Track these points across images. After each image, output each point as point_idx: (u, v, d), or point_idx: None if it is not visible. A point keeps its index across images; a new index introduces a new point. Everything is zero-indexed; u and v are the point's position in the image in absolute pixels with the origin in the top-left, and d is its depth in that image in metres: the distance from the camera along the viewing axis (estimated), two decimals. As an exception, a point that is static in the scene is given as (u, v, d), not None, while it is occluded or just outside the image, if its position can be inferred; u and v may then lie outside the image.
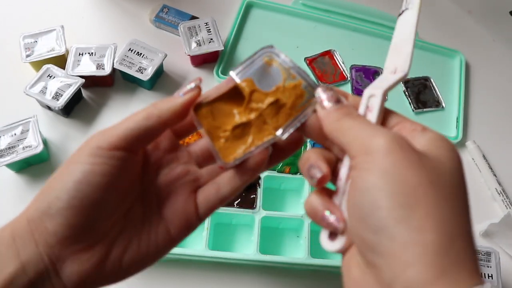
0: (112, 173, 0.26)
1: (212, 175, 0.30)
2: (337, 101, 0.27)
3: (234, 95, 0.29)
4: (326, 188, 0.27)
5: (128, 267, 0.27)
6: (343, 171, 0.26)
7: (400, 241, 0.21)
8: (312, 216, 0.27)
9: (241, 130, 0.29)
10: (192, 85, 0.28)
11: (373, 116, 0.26)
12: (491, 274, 0.48)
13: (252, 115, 0.29)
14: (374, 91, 0.27)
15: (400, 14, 0.29)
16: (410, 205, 0.21)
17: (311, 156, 0.27)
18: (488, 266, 0.48)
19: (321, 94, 0.27)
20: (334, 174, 0.27)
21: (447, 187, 0.22)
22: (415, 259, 0.20)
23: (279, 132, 0.28)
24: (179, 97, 0.28)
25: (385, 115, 0.27)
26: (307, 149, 0.27)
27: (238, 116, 0.29)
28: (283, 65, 0.29)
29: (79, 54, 0.60)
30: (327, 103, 0.27)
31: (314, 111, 0.27)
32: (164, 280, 0.49)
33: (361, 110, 0.27)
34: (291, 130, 0.28)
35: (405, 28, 0.28)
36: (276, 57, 0.29)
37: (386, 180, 0.22)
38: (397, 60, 0.28)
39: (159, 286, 0.49)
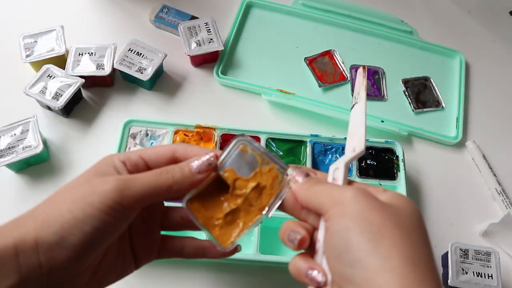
0: (123, 226, 0.30)
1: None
2: (307, 175, 0.32)
3: (218, 184, 0.33)
4: (306, 252, 0.31)
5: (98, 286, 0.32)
6: (320, 233, 0.30)
7: (372, 270, 0.25)
8: (297, 275, 0.30)
9: (232, 216, 0.33)
10: (210, 159, 0.32)
11: (339, 184, 0.31)
12: (491, 274, 0.48)
13: (239, 201, 0.33)
14: (338, 164, 0.32)
15: (352, 107, 0.36)
16: (377, 239, 0.25)
17: (290, 224, 0.31)
18: (488, 266, 0.48)
19: (293, 172, 0.32)
20: (311, 242, 0.30)
21: (407, 226, 0.27)
22: (386, 282, 0.24)
23: (265, 212, 0.33)
24: (196, 174, 0.31)
25: (350, 183, 0.32)
26: (285, 221, 0.32)
27: (226, 203, 0.33)
28: (256, 151, 0.33)
29: (79, 54, 0.60)
30: (298, 178, 0.32)
31: (289, 188, 0.32)
32: (164, 280, 0.49)
33: (329, 180, 0.32)
34: (274, 208, 0.32)
35: (357, 117, 0.34)
36: (249, 144, 0.33)
37: (355, 222, 0.26)
38: (355, 142, 0.33)
39: (159, 286, 0.49)
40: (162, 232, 0.36)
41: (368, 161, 0.55)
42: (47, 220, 0.28)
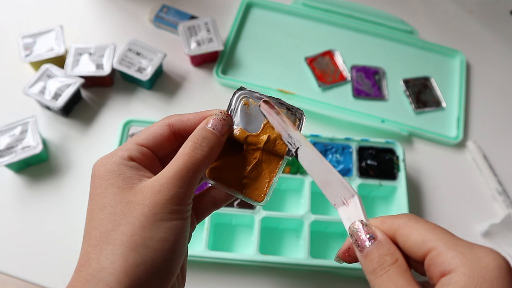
0: (190, 218, 0.28)
1: None
2: (372, 238, 0.26)
3: (229, 147, 0.32)
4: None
5: None
6: None
7: None
8: None
9: (256, 171, 0.32)
10: (224, 117, 0.31)
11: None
12: (492, 275, 0.48)
13: (256, 155, 0.32)
14: (359, 219, 0.27)
15: (295, 154, 0.31)
16: None
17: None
18: (488, 267, 0.48)
19: (357, 233, 0.26)
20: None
21: None
22: None
23: (287, 155, 0.31)
24: (221, 136, 0.30)
25: (418, 231, 0.25)
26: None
27: (245, 162, 0.32)
28: (259, 102, 0.32)
29: (78, 54, 0.60)
30: (364, 242, 0.26)
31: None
32: (164, 281, 0.49)
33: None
34: (295, 148, 0.31)
35: (315, 164, 0.29)
36: (250, 97, 0.32)
37: None
38: (338, 192, 0.28)
39: (159, 287, 0.49)
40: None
41: (368, 161, 0.55)
42: (132, 262, 0.25)
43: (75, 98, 0.59)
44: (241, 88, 0.32)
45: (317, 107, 0.61)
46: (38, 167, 0.55)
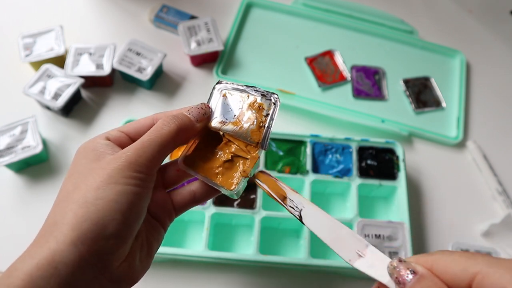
0: (150, 192, 0.30)
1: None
2: (414, 272, 0.25)
3: (209, 138, 0.33)
4: None
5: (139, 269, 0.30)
6: None
7: None
8: None
9: (230, 161, 0.32)
10: (203, 107, 0.33)
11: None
12: (492, 275, 0.48)
13: (233, 146, 0.33)
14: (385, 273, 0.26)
15: (300, 218, 0.30)
16: None
17: None
18: (489, 267, 0.48)
19: (399, 271, 0.25)
20: None
21: None
22: None
23: (262, 148, 0.32)
24: (195, 121, 0.32)
25: (456, 260, 0.25)
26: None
27: (221, 152, 0.33)
28: (236, 92, 0.33)
29: (78, 54, 0.60)
30: (403, 278, 0.25)
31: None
32: (164, 281, 0.49)
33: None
34: (267, 138, 0.32)
35: (320, 221, 0.29)
36: (229, 88, 0.33)
37: None
38: (350, 246, 0.28)
39: (159, 286, 0.49)
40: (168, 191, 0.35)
41: (368, 161, 0.55)
42: (79, 217, 0.26)
43: (75, 98, 0.59)
44: (219, 82, 0.34)
45: (317, 107, 0.61)
46: (38, 167, 0.55)
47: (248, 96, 0.33)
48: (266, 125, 0.32)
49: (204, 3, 0.71)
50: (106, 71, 0.58)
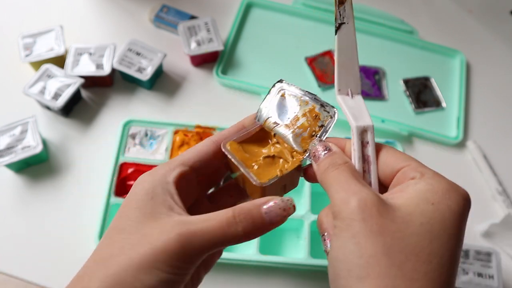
0: (188, 277, 0.27)
1: None
2: (326, 149, 0.29)
3: (258, 137, 0.33)
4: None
5: None
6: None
7: None
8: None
9: (271, 159, 0.32)
10: (288, 206, 0.28)
11: (371, 151, 0.29)
12: (492, 275, 0.48)
13: (279, 148, 0.32)
14: (363, 124, 0.29)
15: (337, 29, 0.31)
16: (361, 277, 0.23)
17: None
18: (488, 267, 0.48)
19: (314, 147, 0.30)
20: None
21: (406, 252, 0.23)
22: None
23: (306, 155, 0.31)
24: (268, 225, 0.29)
25: (396, 156, 0.28)
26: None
27: (266, 150, 0.32)
28: (294, 95, 0.33)
29: (78, 54, 0.60)
30: (319, 153, 0.29)
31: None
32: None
33: (356, 147, 0.29)
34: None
35: (347, 45, 0.31)
36: (287, 89, 0.33)
37: (347, 253, 0.24)
38: (348, 81, 0.31)
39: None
40: None
41: (368, 161, 0.55)
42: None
43: (75, 98, 0.59)
44: (280, 80, 0.33)
45: (317, 107, 0.61)
46: (38, 167, 0.55)
47: (307, 102, 0.32)
48: (318, 135, 0.31)
49: (204, 3, 0.71)
50: (106, 71, 0.58)
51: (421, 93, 0.66)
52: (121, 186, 0.52)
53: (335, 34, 0.30)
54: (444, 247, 0.24)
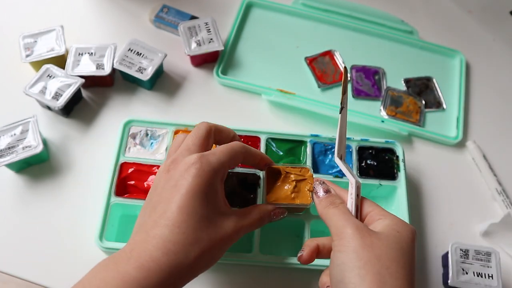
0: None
1: None
2: (327, 191, 0.42)
3: (271, 173, 0.46)
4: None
5: None
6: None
7: None
8: None
9: (297, 187, 0.45)
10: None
11: (349, 207, 0.41)
12: (491, 274, 0.48)
13: (292, 176, 0.45)
14: (357, 182, 0.40)
15: (341, 110, 0.41)
16: (362, 274, 0.33)
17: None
18: (488, 266, 0.48)
19: (317, 187, 0.42)
20: None
21: (389, 260, 0.34)
22: None
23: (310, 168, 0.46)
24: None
25: (368, 204, 0.40)
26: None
27: (288, 186, 0.45)
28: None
29: (79, 54, 0.60)
30: (319, 193, 0.42)
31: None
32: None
33: (354, 196, 0.40)
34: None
35: (344, 122, 0.42)
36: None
37: (349, 259, 0.35)
38: (342, 148, 0.42)
39: (159, 286, 0.49)
40: None
41: (368, 161, 0.55)
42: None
43: (76, 98, 0.59)
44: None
45: (317, 107, 0.62)
46: (38, 167, 0.55)
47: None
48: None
49: (204, 3, 0.71)
50: (106, 71, 0.59)
51: (422, 93, 0.66)
52: (121, 186, 0.52)
53: (339, 113, 0.41)
54: (410, 259, 0.35)
